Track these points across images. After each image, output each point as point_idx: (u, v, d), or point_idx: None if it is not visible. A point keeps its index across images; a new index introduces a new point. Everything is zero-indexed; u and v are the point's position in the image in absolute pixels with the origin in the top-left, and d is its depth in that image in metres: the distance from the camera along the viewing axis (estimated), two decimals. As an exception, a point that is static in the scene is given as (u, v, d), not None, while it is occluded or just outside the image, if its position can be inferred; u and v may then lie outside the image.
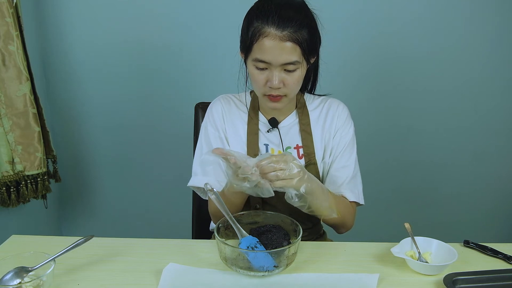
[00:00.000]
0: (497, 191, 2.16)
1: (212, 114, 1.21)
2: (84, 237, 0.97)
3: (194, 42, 1.94)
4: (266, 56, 1.02)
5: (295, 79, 1.06)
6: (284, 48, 1.01)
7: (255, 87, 1.11)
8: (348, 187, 1.18)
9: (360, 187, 1.22)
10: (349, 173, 1.19)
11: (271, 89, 1.07)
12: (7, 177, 1.59)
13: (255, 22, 1.03)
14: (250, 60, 1.07)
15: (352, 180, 1.19)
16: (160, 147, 2.08)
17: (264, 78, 1.06)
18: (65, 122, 2.05)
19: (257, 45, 1.02)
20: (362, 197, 1.21)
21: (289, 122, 1.21)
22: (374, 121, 2.06)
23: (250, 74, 1.09)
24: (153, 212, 2.17)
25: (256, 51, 1.03)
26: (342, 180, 1.18)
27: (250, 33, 1.04)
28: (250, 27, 1.04)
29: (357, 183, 1.21)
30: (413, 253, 1.00)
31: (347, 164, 1.19)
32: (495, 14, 1.92)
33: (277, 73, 1.04)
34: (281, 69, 1.04)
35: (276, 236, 1.00)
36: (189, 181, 1.20)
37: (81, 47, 1.95)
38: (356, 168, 1.21)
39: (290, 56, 1.02)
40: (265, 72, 1.06)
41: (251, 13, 1.07)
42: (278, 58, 1.02)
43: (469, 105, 2.04)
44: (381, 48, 1.97)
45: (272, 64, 1.03)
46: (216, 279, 0.93)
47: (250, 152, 1.17)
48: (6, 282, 0.85)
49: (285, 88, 1.07)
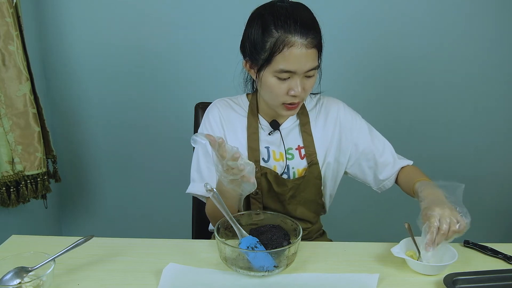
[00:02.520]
0: (497, 191, 2.16)
1: (209, 120, 1.20)
2: (84, 237, 0.97)
3: (194, 42, 1.94)
4: (292, 65, 1.00)
5: (312, 84, 1.07)
6: (308, 56, 1.00)
7: (271, 97, 1.08)
8: (399, 160, 1.25)
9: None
10: (390, 149, 1.25)
11: (292, 98, 1.05)
12: (7, 177, 1.59)
13: (275, 32, 0.99)
14: (269, 71, 1.03)
15: (394, 154, 1.26)
16: (160, 147, 2.08)
17: (285, 88, 1.04)
18: (65, 122, 2.05)
19: (280, 56, 0.99)
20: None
21: (290, 123, 1.21)
22: (374, 120, 2.04)
23: (267, 85, 1.05)
24: (153, 212, 2.17)
25: (280, 62, 1.00)
26: (391, 158, 1.24)
27: (269, 44, 1.00)
28: (269, 37, 1.00)
29: (395, 152, 1.27)
30: (413, 253, 1.00)
31: (384, 145, 1.25)
32: (495, 14, 1.92)
33: (300, 80, 1.03)
34: (303, 76, 1.03)
35: (276, 236, 1.00)
36: (187, 188, 1.19)
37: (81, 47, 1.95)
38: (386, 140, 1.27)
39: (313, 63, 1.02)
40: (287, 82, 1.03)
41: (264, 21, 1.02)
42: (303, 67, 1.01)
43: (470, 105, 2.04)
44: (382, 48, 1.97)
45: (297, 73, 1.01)
46: (216, 279, 0.93)
47: (251, 155, 1.16)
48: (6, 282, 0.85)
49: (304, 93, 1.06)
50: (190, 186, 1.19)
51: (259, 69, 1.05)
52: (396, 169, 1.23)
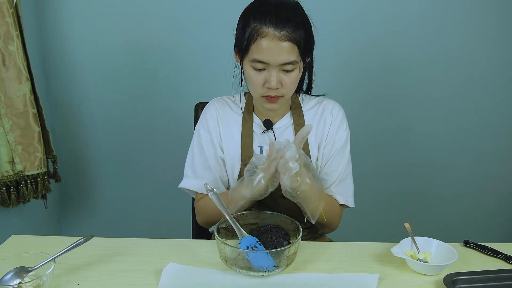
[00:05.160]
0: (497, 191, 2.16)
1: (206, 117, 1.22)
2: (84, 237, 0.97)
3: (193, 42, 1.94)
4: (264, 56, 1.02)
5: (293, 80, 1.07)
6: (282, 48, 1.01)
7: (251, 89, 1.11)
8: (336, 190, 1.18)
9: (350, 189, 1.22)
10: (338, 176, 1.19)
11: (269, 90, 1.06)
12: (7, 177, 1.59)
13: (252, 22, 1.03)
14: (247, 61, 1.06)
15: (341, 183, 1.19)
16: (160, 147, 2.08)
17: (261, 79, 1.06)
18: (65, 122, 2.05)
19: (255, 45, 1.02)
20: (352, 199, 1.21)
21: (284, 123, 1.21)
22: (374, 121, 2.05)
23: (247, 76, 1.09)
24: (153, 212, 2.17)
25: (254, 52, 1.03)
26: (331, 182, 1.19)
27: (247, 34, 1.03)
28: (247, 28, 1.04)
29: (347, 185, 1.21)
30: (413, 253, 1.00)
31: (339, 167, 1.19)
32: (495, 14, 1.92)
33: (275, 73, 1.04)
34: (279, 69, 1.04)
35: (276, 236, 1.00)
36: (180, 183, 1.21)
37: (81, 47, 1.95)
38: (347, 170, 1.21)
39: (288, 56, 1.02)
40: (263, 73, 1.05)
41: (247, 13, 1.07)
42: (276, 58, 1.02)
43: (469, 105, 2.04)
44: (380, 49, 1.97)
45: (270, 65, 1.03)
46: (216, 279, 0.93)
47: (245, 154, 1.17)
48: (6, 282, 0.85)
49: (283, 88, 1.07)
50: (183, 181, 1.21)
51: (242, 59, 1.09)
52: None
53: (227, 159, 1.20)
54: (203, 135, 1.21)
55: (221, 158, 1.21)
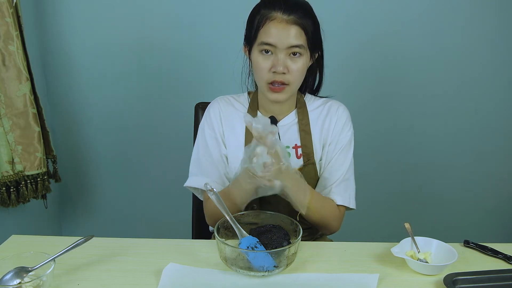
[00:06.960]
0: (497, 191, 2.16)
1: (210, 115, 1.22)
2: (84, 237, 0.97)
3: (194, 42, 1.94)
4: (272, 38, 1.04)
5: (299, 68, 1.08)
6: (290, 31, 1.04)
7: (258, 76, 1.12)
8: (336, 190, 1.17)
9: (351, 191, 1.21)
10: (340, 176, 1.18)
11: (275, 75, 1.07)
12: (7, 177, 1.59)
13: (262, 10, 1.07)
14: (255, 46, 1.08)
15: (342, 183, 1.18)
16: (160, 147, 2.08)
17: (268, 64, 1.07)
18: (65, 122, 2.05)
19: (263, 29, 1.05)
20: (354, 201, 1.20)
21: (288, 121, 1.21)
22: (374, 121, 2.05)
23: (254, 64, 1.10)
24: (153, 212, 2.17)
25: (262, 36, 1.06)
26: (332, 182, 1.18)
27: (256, 21, 1.07)
28: (256, 15, 1.07)
29: (349, 186, 1.20)
30: (413, 253, 1.00)
31: (341, 166, 1.19)
32: (495, 14, 1.92)
33: (282, 56, 1.06)
34: (286, 53, 1.06)
35: (276, 236, 1.00)
36: (186, 182, 1.20)
37: (81, 47, 1.95)
38: (350, 171, 1.20)
39: (295, 40, 1.04)
40: (270, 58, 1.07)
41: (256, 6, 1.11)
42: (284, 41, 1.04)
43: (469, 105, 2.04)
44: (381, 49, 1.97)
45: (278, 47, 1.05)
46: (216, 279, 0.93)
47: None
48: (6, 282, 0.85)
49: (289, 74, 1.08)
50: (188, 179, 1.20)
51: (250, 49, 1.11)
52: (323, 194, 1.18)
53: (230, 156, 1.20)
54: (208, 132, 1.20)
55: (225, 156, 1.20)
